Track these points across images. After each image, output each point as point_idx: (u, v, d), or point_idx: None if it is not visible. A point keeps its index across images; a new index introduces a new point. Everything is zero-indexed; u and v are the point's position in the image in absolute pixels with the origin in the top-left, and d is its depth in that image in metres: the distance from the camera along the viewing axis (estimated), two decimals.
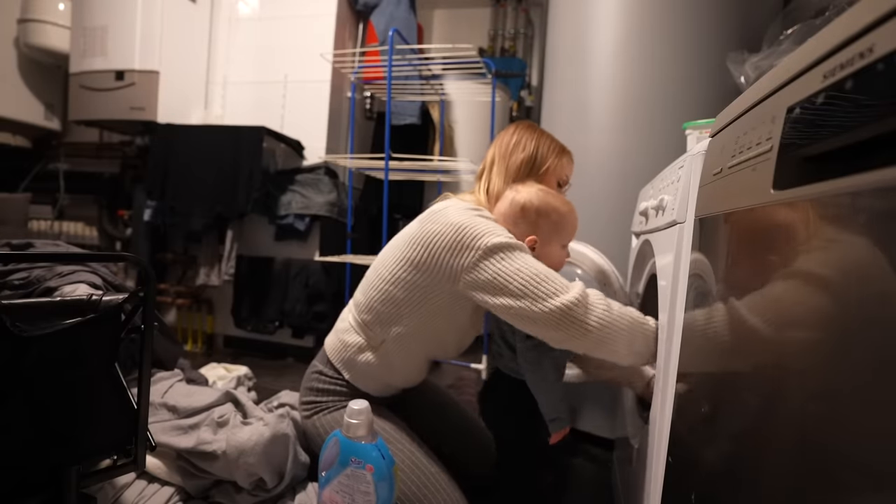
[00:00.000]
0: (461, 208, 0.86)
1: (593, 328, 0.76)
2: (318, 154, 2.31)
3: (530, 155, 0.96)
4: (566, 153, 1.01)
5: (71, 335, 0.66)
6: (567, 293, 0.77)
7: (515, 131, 1.00)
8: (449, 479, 0.90)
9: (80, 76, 2.28)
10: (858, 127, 0.29)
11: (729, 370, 0.48)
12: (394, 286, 0.88)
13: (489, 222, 0.84)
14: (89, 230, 2.72)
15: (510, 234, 0.83)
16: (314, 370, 0.99)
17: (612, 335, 0.77)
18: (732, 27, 1.39)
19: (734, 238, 0.50)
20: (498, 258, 0.79)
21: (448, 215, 0.85)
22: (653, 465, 0.69)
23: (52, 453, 0.65)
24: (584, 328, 0.76)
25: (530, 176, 0.95)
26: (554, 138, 1.01)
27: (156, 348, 1.14)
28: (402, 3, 2.46)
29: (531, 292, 0.77)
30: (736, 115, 0.52)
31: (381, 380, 0.95)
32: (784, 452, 0.35)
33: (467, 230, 0.81)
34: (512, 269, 0.78)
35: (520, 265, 0.79)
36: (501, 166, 0.97)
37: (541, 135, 1.00)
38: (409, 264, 0.86)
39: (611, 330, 0.76)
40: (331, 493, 0.74)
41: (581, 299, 0.77)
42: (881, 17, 0.27)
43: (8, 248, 1.05)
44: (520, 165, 0.96)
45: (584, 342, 0.77)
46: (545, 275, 0.78)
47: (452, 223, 0.83)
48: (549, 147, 0.98)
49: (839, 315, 0.30)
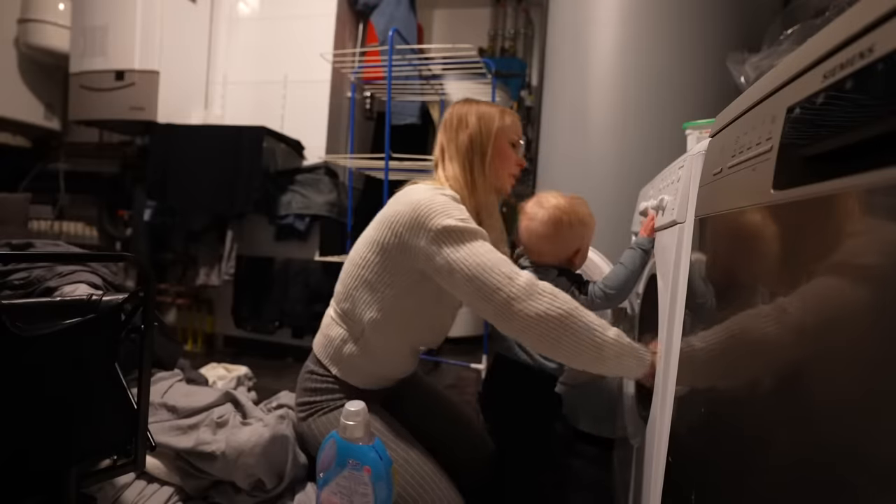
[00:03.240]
0: (423, 188, 0.89)
1: (533, 321, 0.76)
2: (318, 154, 2.31)
3: (475, 129, 0.96)
4: (507, 114, 1.00)
5: (71, 335, 0.66)
6: (511, 286, 0.77)
7: (454, 111, 1.00)
8: (445, 479, 0.90)
9: (80, 76, 2.28)
10: (858, 127, 0.29)
11: (729, 370, 0.48)
12: (365, 269, 0.91)
13: (447, 201, 0.85)
14: (89, 230, 2.72)
15: (466, 216, 0.84)
16: (306, 371, 1.00)
17: (554, 331, 0.76)
18: (732, 27, 1.39)
19: (734, 238, 0.50)
20: (449, 242, 0.81)
21: (409, 194, 0.88)
22: (653, 465, 0.69)
23: (52, 453, 0.65)
24: (525, 320, 0.76)
25: (482, 149, 0.96)
26: (491, 104, 1.01)
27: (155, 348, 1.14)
28: (402, 3, 2.46)
29: (478, 283, 0.78)
30: (736, 115, 0.52)
31: (368, 371, 0.96)
32: (784, 452, 0.35)
33: (423, 209, 0.83)
34: (460, 257, 0.80)
35: (468, 253, 0.80)
36: (452, 150, 0.98)
37: (478, 107, 0.99)
38: (376, 245, 0.90)
39: (554, 325, 0.76)
40: (329, 494, 0.74)
41: (524, 291, 0.77)
42: (881, 17, 0.27)
43: (8, 248, 1.05)
44: (468, 144, 0.96)
45: (527, 335, 0.78)
46: (492, 265, 0.79)
47: (411, 201, 0.85)
48: (490, 115, 0.98)
49: (839, 314, 0.30)
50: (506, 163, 0.99)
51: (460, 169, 0.96)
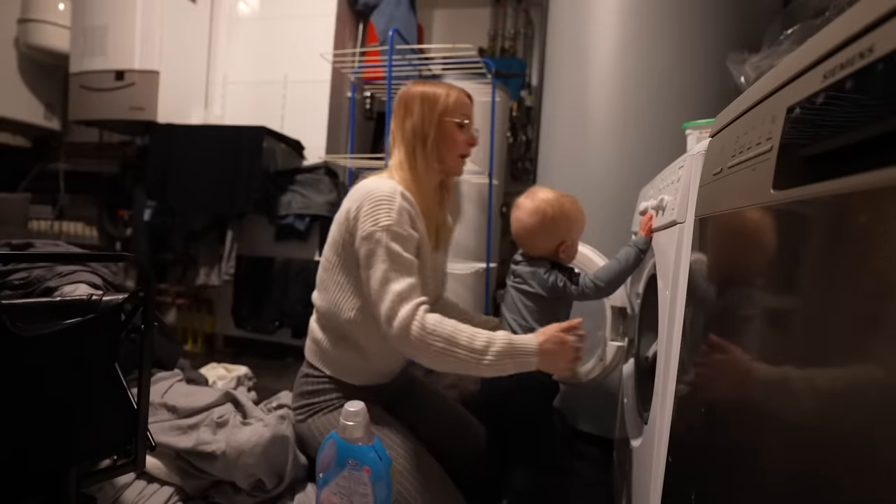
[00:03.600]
0: (368, 183, 0.92)
1: (409, 345, 0.82)
2: (318, 154, 2.31)
3: (417, 115, 0.96)
4: (453, 93, 0.99)
5: (71, 335, 0.66)
6: (398, 312, 0.81)
7: (400, 97, 1.00)
8: (445, 479, 0.90)
9: (80, 76, 2.28)
10: (858, 127, 0.29)
11: (729, 370, 0.48)
12: (332, 272, 0.94)
13: (378, 202, 0.87)
14: (89, 230, 2.72)
15: (392, 217, 0.86)
16: (301, 375, 1.01)
17: (428, 358, 0.82)
18: (732, 27, 1.39)
19: (734, 238, 0.50)
20: (367, 248, 0.86)
21: (355, 191, 0.92)
22: (653, 465, 0.69)
23: (52, 453, 0.65)
24: (398, 342, 0.82)
25: (423, 134, 0.96)
26: (438, 84, 1.00)
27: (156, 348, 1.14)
28: (402, 3, 2.46)
29: (376, 297, 0.84)
30: (736, 115, 0.52)
31: (359, 368, 0.96)
32: (784, 452, 0.35)
33: (357, 210, 0.88)
34: (372, 263, 0.85)
35: (377, 263, 0.84)
36: (398, 137, 0.99)
37: (423, 89, 0.98)
38: (335, 246, 0.94)
39: (425, 357, 0.82)
40: (328, 494, 0.74)
41: (404, 320, 0.81)
42: (881, 16, 0.27)
43: (8, 248, 1.05)
44: (412, 130, 0.96)
45: (406, 350, 0.84)
46: (387, 285, 0.83)
47: (354, 198, 0.90)
48: (433, 97, 0.97)
49: (839, 314, 0.30)
50: (452, 145, 0.99)
51: (405, 155, 0.97)
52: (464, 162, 1.02)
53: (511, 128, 2.96)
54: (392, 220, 0.86)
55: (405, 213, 0.88)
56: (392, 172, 0.98)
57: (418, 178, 0.96)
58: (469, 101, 1.01)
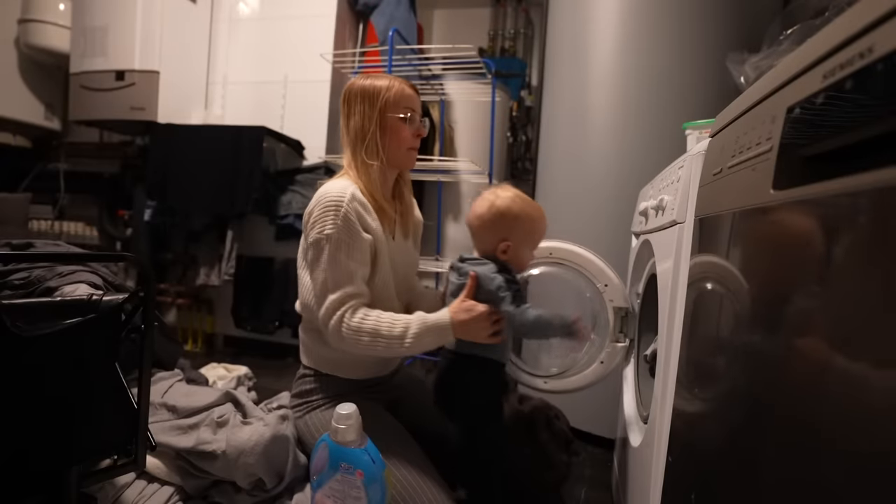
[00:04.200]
0: (323, 188, 0.93)
1: (344, 344, 0.87)
2: (318, 154, 2.31)
3: (359, 114, 0.95)
4: (394, 87, 0.96)
5: (71, 335, 0.66)
6: (331, 318, 0.86)
7: (343, 98, 0.99)
8: (440, 482, 0.89)
9: (81, 76, 2.28)
10: (858, 127, 0.29)
11: (729, 370, 0.48)
12: (303, 273, 0.96)
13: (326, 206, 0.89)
14: (89, 230, 2.72)
15: (337, 225, 0.88)
16: (298, 376, 1.02)
17: (357, 347, 0.87)
18: (732, 27, 1.39)
19: (733, 238, 0.50)
20: (312, 254, 0.90)
21: (315, 196, 0.94)
22: (653, 465, 0.69)
23: (52, 453, 0.65)
24: (335, 343, 0.88)
25: (363, 132, 0.95)
26: (378, 78, 0.98)
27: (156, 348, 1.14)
28: (402, 3, 2.46)
29: (316, 302, 0.90)
30: (736, 115, 0.52)
31: (351, 362, 0.97)
32: (784, 452, 0.35)
33: (310, 216, 0.92)
34: (314, 269, 0.90)
35: (318, 271, 0.89)
36: (344, 136, 0.99)
37: (363, 85, 0.96)
38: (301, 247, 0.97)
39: (354, 347, 0.87)
40: (322, 497, 0.73)
41: (335, 324, 0.86)
42: (880, 17, 0.27)
43: (8, 248, 1.05)
44: (356, 130, 0.96)
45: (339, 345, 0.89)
46: (325, 293, 0.88)
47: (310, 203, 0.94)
48: (372, 93, 0.95)
49: (839, 314, 0.30)
50: (397, 140, 0.97)
51: (351, 154, 0.97)
52: (414, 154, 1.01)
53: (511, 128, 2.96)
54: (337, 227, 0.88)
55: (353, 217, 0.89)
56: (346, 172, 0.98)
57: (368, 176, 0.95)
58: (413, 93, 0.99)
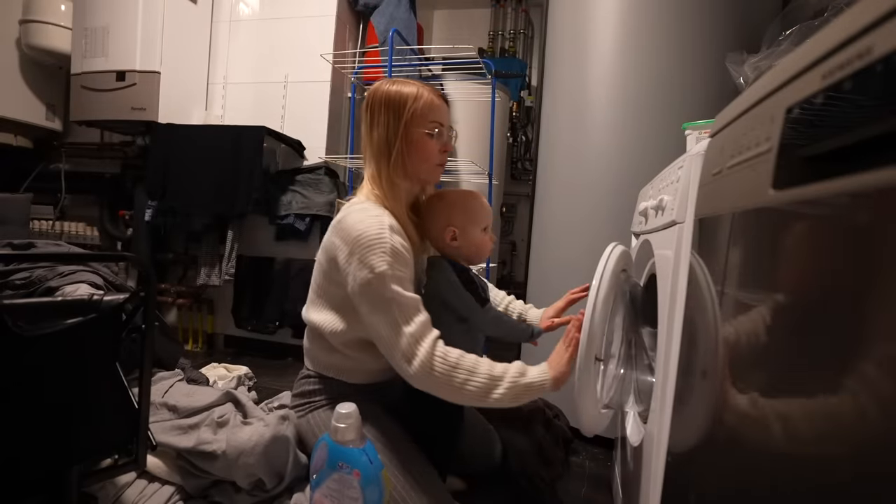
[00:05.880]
0: (351, 221, 0.84)
1: (432, 381, 0.80)
2: (318, 154, 2.31)
3: (384, 126, 0.88)
4: (422, 96, 0.89)
5: (72, 335, 0.66)
6: (416, 351, 0.79)
7: (365, 104, 0.92)
8: (440, 485, 0.89)
9: (82, 77, 2.28)
10: (857, 127, 0.29)
11: (729, 370, 0.48)
12: (318, 293, 0.93)
13: (371, 250, 0.81)
14: (90, 230, 2.72)
15: (386, 261, 0.80)
16: (301, 376, 1.01)
17: (449, 395, 0.81)
18: (732, 27, 1.39)
19: (733, 238, 0.50)
20: (368, 298, 0.81)
21: (339, 230, 0.85)
22: (653, 465, 0.69)
23: (53, 452, 0.65)
24: (420, 381, 0.80)
25: (388, 148, 0.89)
26: (405, 85, 0.90)
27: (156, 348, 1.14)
28: (402, 4, 2.46)
29: (389, 342, 0.81)
30: (735, 116, 0.52)
31: (359, 370, 0.96)
32: (784, 452, 0.35)
33: (351, 257, 0.82)
34: (376, 311, 0.81)
35: (381, 312, 0.80)
36: (367, 151, 0.92)
37: (388, 93, 0.89)
38: (319, 269, 0.92)
39: (447, 393, 0.80)
40: (320, 497, 0.73)
41: (419, 368, 0.78)
42: (880, 17, 0.27)
43: (10, 248, 1.06)
44: (380, 143, 0.89)
45: (420, 385, 0.81)
46: (398, 329, 0.79)
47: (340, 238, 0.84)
48: (398, 103, 0.88)
49: (839, 315, 0.31)
50: (424, 155, 0.91)
51: (375, 168, 0.90)
52: (441, 169, 0.96)
53: (511, 128, 2.96)
54: (387, 263, 0.80)
55: (398, 248, 0.83)
56: (368, 188, 0.92)
57: (394, 196, 0.90)
58: (442, 103, 0.92)
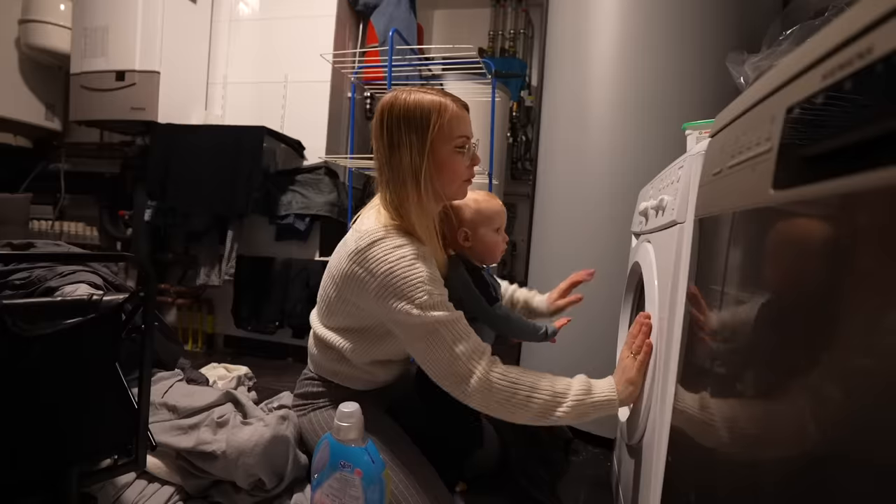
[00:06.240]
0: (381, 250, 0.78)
1: (491, 398, 0.78)
2: (318, 154, 2.31)
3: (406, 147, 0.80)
4: (447, 106, 0.81)
5: (72, 335, 0.66)
6: (474, 369, 0.77)
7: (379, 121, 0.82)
8: (441, 486, 0.89)
9: (81, 76, 2.28)
10: (858, 127, 0.29)
11: (729, 370, 0.48)
12: (329, 304, 0.90)
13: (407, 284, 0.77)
14: (90, 230, 2.72)
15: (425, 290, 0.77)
16: (303, 378, 1.01)
17: (509, 413, 0.78)
18: (732, 27, 1.39)
19: (733, 238, 0.50)
20: (417, 331, 0.78)
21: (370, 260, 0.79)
22: (653, 465, 0.69)
23: (53, 452, 0.65)
24: (481, 406, 0.79)
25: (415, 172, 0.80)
26: (424, 94, 0.81)
27: (156, 348, 1.14)
28: (402, 4, 2.46)
29: (446, 368, 0.78)
30: (735, 116, 0.52)
31: (364, 379, 0.96)
32: (784, 452, 0.35)
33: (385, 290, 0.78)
34: (426, 341, 0.78)
35: (433, 340, 0.78)
36: (386, 175, 0.83)
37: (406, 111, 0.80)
38: (335, 291, 0.86)
39: (508, 410, 0.78)
40: (321, 496, 0.73)
41: (478, 387, 0.77)
42: (880, 17, 0.27)
43: (9, 248, 1.06)
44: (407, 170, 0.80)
45: (482, 407, 0.79)
46: (452, 351, 0.77)
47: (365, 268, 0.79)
48: (424, 121, 0.79)
49: (839, 316, 0.31)
50: (451, 175, 0.84)
51: (395, 197, 0.82)
52: (468, 185, 0.90)
53: (511, 128, 2.96)
54: (426, 293, 0.77)
55: (432, 275, 0.79)
56: (386, 216, 0.84)
57: (420, 217, 0.82)
58: (465, 114, 0.85)
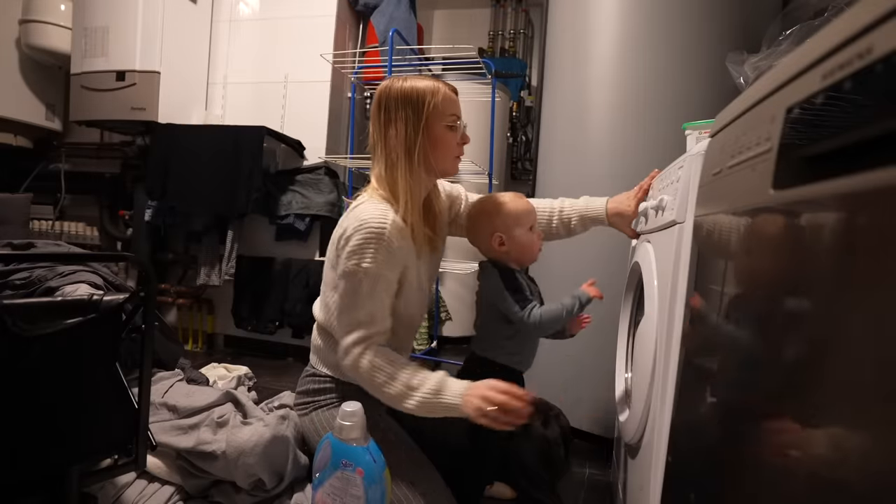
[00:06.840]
0: (357, 210, 0.88)
1: (358, 373, 0.86)
2: (318, 154, 2.31)
3: (402, 122, 0.88)
4: (439, 88, 0.89)
5: (72, 335, 0.66)
6: (351, 351, 0.85)
7: (378, 103, 0.91)
8: (442, 484, 0.89)
9: (81, 76, 2.28)
10: (857, 127, 0.29)
11: (728, 370, 0.48)
12: (327, 287, 0.95)
13: (367, 242, 0.84)
14: (90, 230, 2.72)
15: (377, 259, 0.84)
16: (306, 374, 1.01)
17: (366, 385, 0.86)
18: (732, 27, 1.39)
19: (733, 238, 0.50)
20: (345, 284, 0.86)
21: (346, 216, 0.90)
22: (653, 465, 0.69)
23: (53, 452, 0.65)
24: (354, 371, 0.86)
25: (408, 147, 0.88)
26: (418, 80, 0.90)
27: (156, 348, 1.14)
28: (402, 4, 2.46)
29: (340, 329, 0.87)
30: (735, 116, 0.52)
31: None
32: (784, 452, 0.35)
33: (348, 241, 0.86)
34: (344, 297, 0.87)
35: (348, 301, 0.86)
36: (381, 148, 0.91)
37: (403, 92, 0.88)
38: (329, 262, 0.94)
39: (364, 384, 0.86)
40: (323, 495, 0.73)
41: (346, 352, 0.85)
42: (880, 17, 0.27)
43: (9, 248, 1.06)
44: (398, 141, 0.88)
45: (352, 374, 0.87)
46: (351, 328, 0.86)
47: (346, 224, 0.88)
48: (419, 100, 0.87)
49: (839, 316, 0.31)
50: (444, 150, 0.91)
51: (389, 168, 0.90)
52: (458, 162, 0.96)
53: (511, 128, 2.96)
54: (377, 261, 0.84)
55: (393, 248, 0.85)
56: (378, 187, 0.91)
57: (409, 191, 0.89)
58: (456, 97, 0.93)
